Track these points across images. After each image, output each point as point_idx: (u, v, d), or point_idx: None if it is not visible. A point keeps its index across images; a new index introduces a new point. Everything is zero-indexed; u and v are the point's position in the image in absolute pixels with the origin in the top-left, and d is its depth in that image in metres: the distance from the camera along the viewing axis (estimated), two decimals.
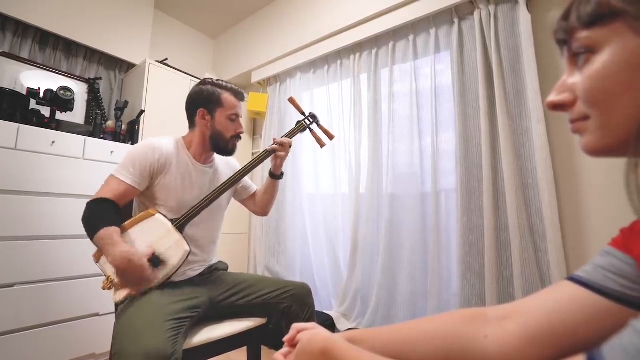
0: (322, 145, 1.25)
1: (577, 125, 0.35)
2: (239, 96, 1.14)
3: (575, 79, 0.35)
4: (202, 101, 1.11)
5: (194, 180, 1.12)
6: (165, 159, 1.06)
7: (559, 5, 1.37)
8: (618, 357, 0.22)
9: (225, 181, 1.12)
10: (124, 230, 0.96)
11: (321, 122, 1.27)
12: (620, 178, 0.30)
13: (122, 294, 0.90)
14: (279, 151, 1.17)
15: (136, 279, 0.87)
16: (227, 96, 1.11)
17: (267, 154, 1.17)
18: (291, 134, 1.22)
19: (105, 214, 0.93)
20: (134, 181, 1.00)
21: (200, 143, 1.13)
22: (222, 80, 1.15)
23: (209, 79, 1.15)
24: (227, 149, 1.14)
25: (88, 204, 0.95)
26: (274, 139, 1.19)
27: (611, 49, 0.30)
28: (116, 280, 0.89)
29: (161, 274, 0.93)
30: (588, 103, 0.33)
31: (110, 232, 0.88)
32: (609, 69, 0.31)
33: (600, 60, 0.31)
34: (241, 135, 1.16)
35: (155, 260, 0.92)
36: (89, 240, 0.89)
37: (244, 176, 1.17)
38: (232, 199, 1.32)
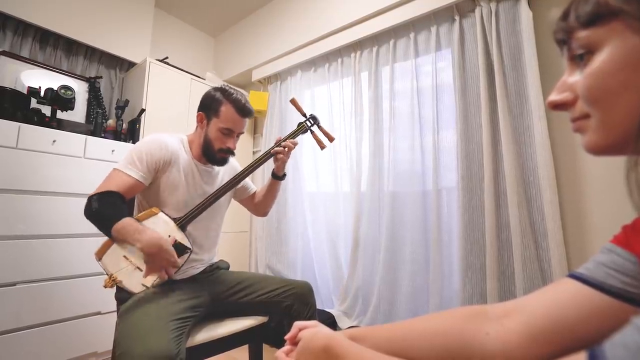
0: (322, 147, 1.25)
1: (578, 124, 0.35)
2: (243, 112, 1.10)
3: (575, 78, 0.35)
4: (204, 105, 1.12)
5: (196, 180, 1.12)
6: (171, 156, 1.06)
7: (560, 2, 1.37)
8: (619, 354, 0.22)
9: (228, 181, 1.12)
10: None
11: (322, 124, 1.27)
12: (622, 174, 0.30)
13: (151, 279, 0.91)
14: (280, 153, 1.17)
15: (165, 262, 0.90)
16: (227, 109, 1.08)
17: (269, 155, 1.17)
18: (293, 136, 1.21)
19: (118, 206, 0.93)
20: (141, 176, 0.99)
21: (199, 145, 1.13)
22: (237, 92, 1.12)
23: (225, 86, 1.14)
24: (215, 159, 1.13)
25: (94, 197, 0.91)
26: (278, 139, 1.18)
27: (610, 48, 0.31)
28: (143, 265, 0.91)
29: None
30: (588, 101, 0.33)
31: (131, 221, 0.90)
32: (608, 68, 0.31)
33: (599, 59, 0.32)
34: (232, 151, 1.13)
35: (179, 247, 0.95)
36: (90, 238, 0.90)
37: (247, 176, 1.17)
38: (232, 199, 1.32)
